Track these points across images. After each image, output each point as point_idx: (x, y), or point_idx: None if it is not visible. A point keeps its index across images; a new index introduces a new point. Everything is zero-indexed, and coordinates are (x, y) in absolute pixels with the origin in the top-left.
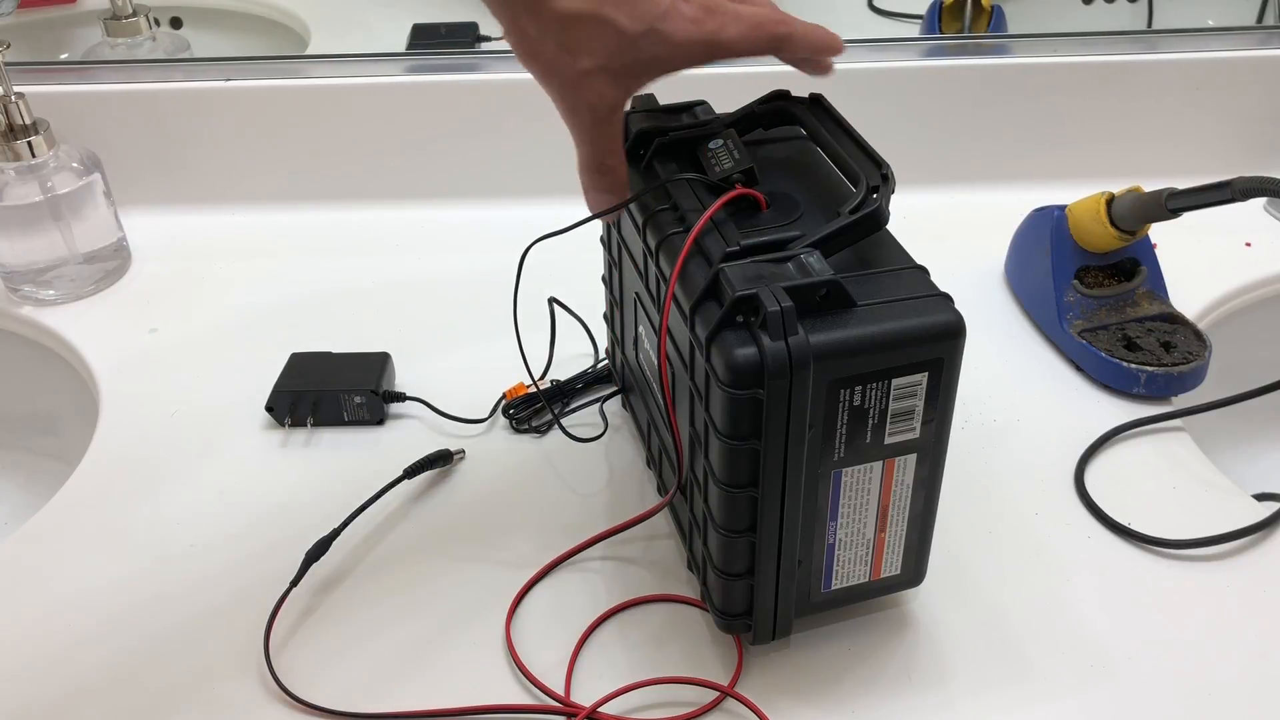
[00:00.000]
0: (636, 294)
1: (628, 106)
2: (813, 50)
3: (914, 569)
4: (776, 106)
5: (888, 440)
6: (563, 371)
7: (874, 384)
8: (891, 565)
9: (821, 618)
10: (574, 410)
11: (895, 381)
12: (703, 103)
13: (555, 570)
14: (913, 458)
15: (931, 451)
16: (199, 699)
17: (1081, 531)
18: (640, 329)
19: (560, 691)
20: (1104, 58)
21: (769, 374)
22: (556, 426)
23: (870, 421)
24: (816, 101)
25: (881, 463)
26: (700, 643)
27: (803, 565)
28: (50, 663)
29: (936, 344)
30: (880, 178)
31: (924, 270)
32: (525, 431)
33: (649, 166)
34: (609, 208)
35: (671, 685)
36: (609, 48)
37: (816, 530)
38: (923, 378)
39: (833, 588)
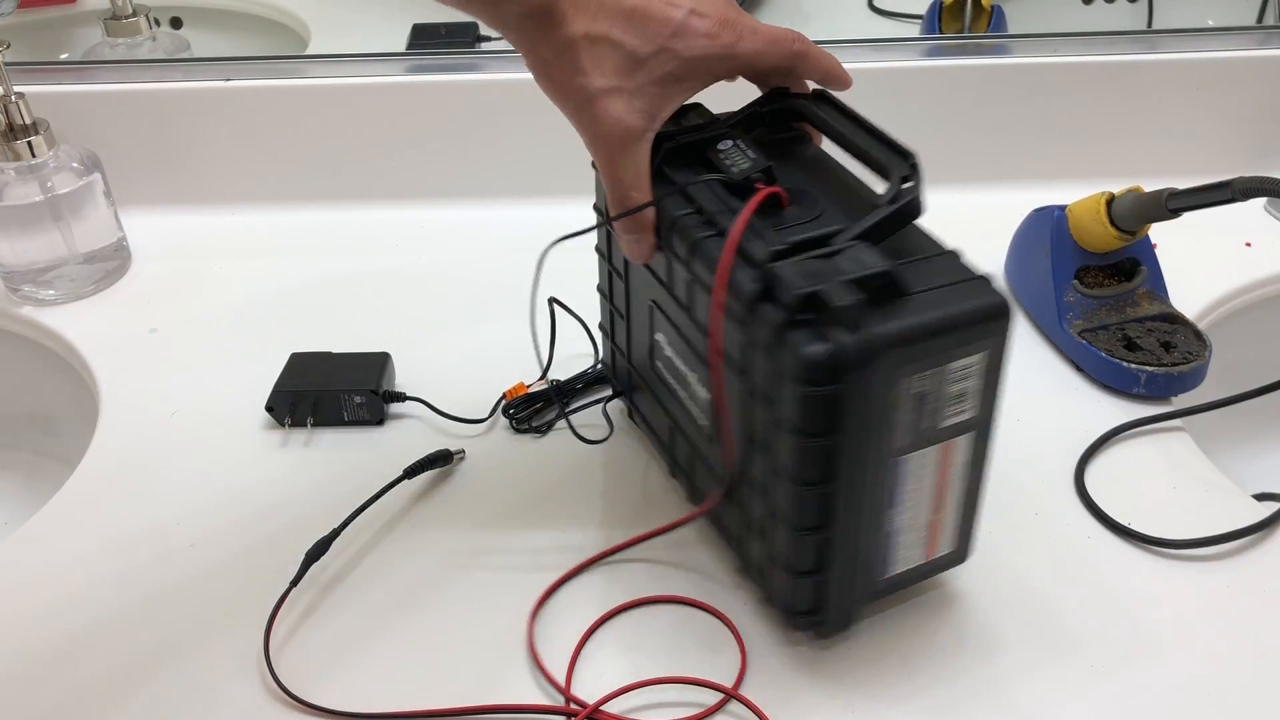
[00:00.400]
0: (653, 302)
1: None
2: (822, 76)
3: (964, 545)
4: (783, 105)
5: (946, 423)
6: (563, 371)
7: (934, 369)
8: (944, 544)
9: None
10: (574, 411)
11: (952, 365)
12: (698, 105)
13: (562, 567)
14: (968, 438)
15: (984, 429)
16: (199, 699)
17: (1081, 531)
18: (659, 336)
19: (562, 692)
20: (1104, 58)
21: (846, 368)
22: (564, 426)
23: (930, 406)
24: (822, 96)
25: (940, 446)
26: (703, 645)
27: (866, 554)
28: (50, 663)
29: (990, 324)
30: (909, 167)
31: (956, 254)
32: (525, 432)
33: (659, 172)
34: (626, 214)
35: (674, 686)
36: (620, 68)
37: (880, 519)
38: (979, 358)
39: (892, 573)
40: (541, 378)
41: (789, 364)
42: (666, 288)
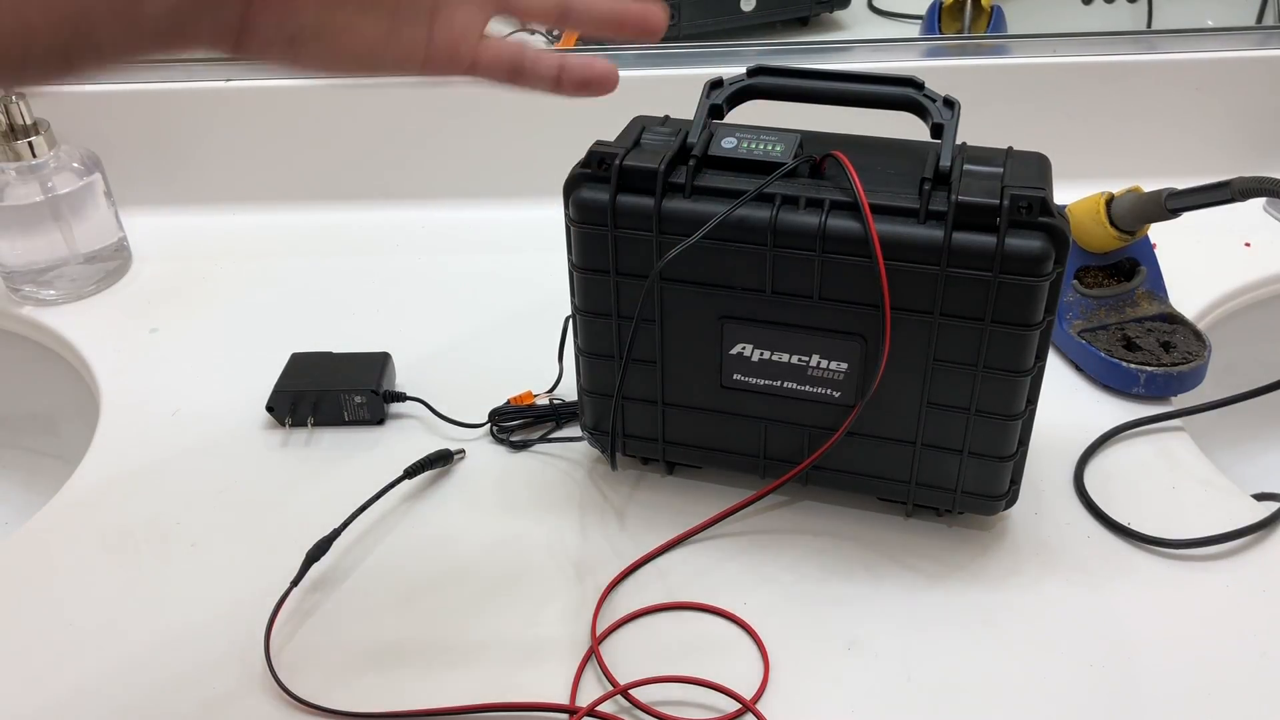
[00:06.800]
0: (726, 317)
1: None
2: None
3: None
4: (739, 89)
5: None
6: (570, 388)
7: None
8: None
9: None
10: (564, 440)
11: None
12: (639, 124)
13: (562, 567)
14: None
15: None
16: (199, 699)
17: (1081, 531)
18: (740, 349)
19: (567, 692)
20: (1104, 58)
21: (1058, 258)
22: (542, 450)
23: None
24: (762, 70)
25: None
26: (726, 654)
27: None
28: (50, 662)
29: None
30: (915, 85)
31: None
32: (503, 443)
33: (697, 189)
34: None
35: (693, 690)
36: None
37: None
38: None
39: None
40: (548, 392)
41: (1021, 263)
42: (759, 291)
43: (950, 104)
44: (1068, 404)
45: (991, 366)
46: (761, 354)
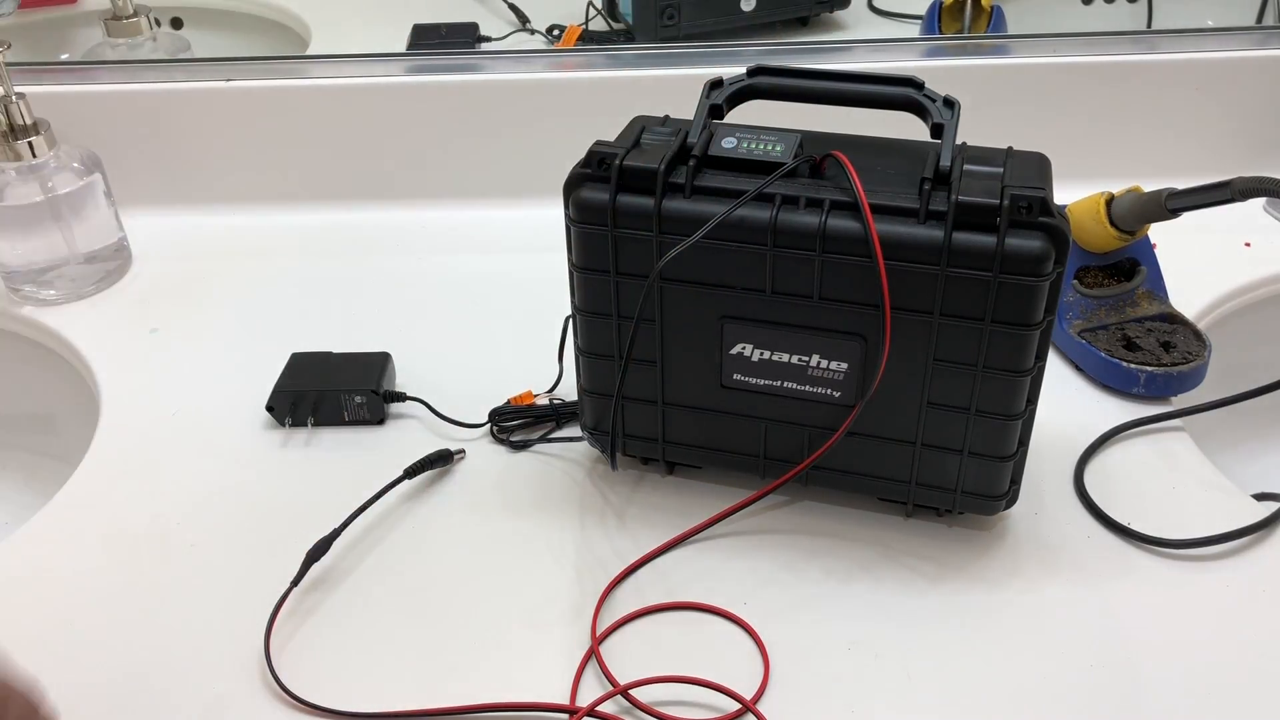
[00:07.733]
0: (726, 317)
1: None
2: None
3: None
4: (739, 89)
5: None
6: (570, 388)
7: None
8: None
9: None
10: (564, 440)
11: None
12: (639, 124)
13: (562, 567)
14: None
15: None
16: (199, 699)
17: (1081, 531)
18: (740, 349)
19: (567, 692)
20: (1104, 58)
21: (1059, 258)
22: (543, 449)
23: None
24: (762, 70)
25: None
26: (725, 656)
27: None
28: (50, 662)
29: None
30: (915, 85)
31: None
32: (503, 443)
33: (696, 189)
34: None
35: (691, 688)
36: None
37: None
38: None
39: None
40: (548, 392)
41: (1022, 263)
42: (759, 291)
43: (950, 104)
44: (1068, 404)
45: (991, 366)
46: (761, 354)
